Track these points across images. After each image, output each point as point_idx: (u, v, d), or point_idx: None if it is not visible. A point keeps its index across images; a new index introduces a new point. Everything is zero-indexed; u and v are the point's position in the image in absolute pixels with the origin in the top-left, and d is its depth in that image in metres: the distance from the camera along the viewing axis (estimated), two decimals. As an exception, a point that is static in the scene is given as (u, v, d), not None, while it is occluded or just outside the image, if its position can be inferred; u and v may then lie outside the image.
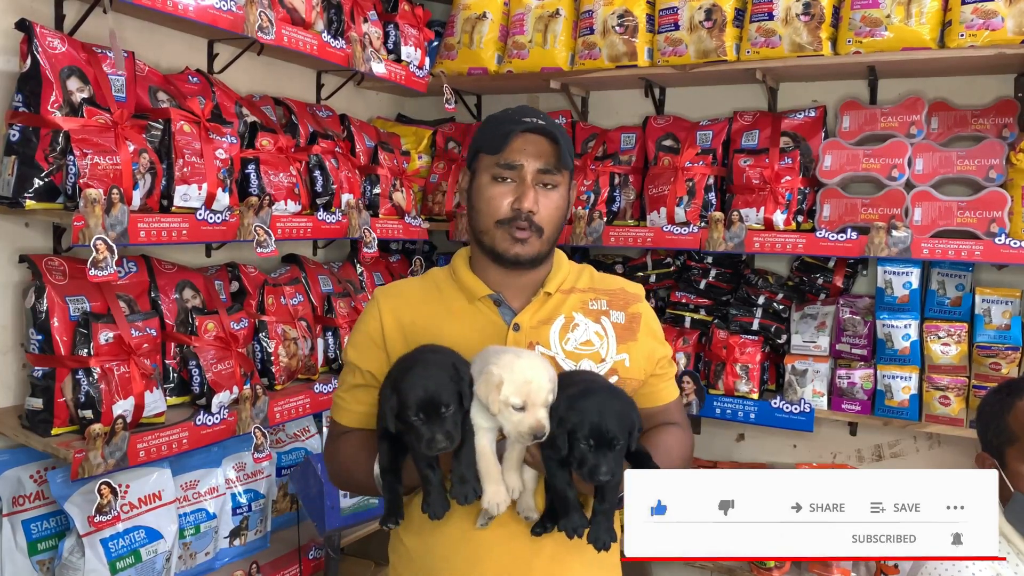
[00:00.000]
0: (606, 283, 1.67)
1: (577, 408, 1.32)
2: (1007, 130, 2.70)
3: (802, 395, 2.85)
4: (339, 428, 1.63)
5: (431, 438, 1.30)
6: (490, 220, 1.54)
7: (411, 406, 1.31)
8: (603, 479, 1.29)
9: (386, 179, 3.04)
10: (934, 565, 1.74)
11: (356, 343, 1.61)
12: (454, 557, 1.50)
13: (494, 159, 1.54)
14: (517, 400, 1.32)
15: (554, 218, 1.56)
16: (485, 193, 1.55)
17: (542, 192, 1.54)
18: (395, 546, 1.63)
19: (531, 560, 1.49)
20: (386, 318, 1.58)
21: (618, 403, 1.34)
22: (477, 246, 1.61)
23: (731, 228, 2.82)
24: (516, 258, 1.54)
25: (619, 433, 1.30)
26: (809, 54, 2.76)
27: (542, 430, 1.31)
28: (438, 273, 1.67)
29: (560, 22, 3.19)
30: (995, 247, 2.51)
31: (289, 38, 2.56)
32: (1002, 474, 1.79)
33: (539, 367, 1.35)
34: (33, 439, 2.03)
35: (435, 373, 1.33)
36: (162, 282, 2.36)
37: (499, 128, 1.54)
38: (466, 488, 1.33)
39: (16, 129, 1.99)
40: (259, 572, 2.51)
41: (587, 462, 1.29)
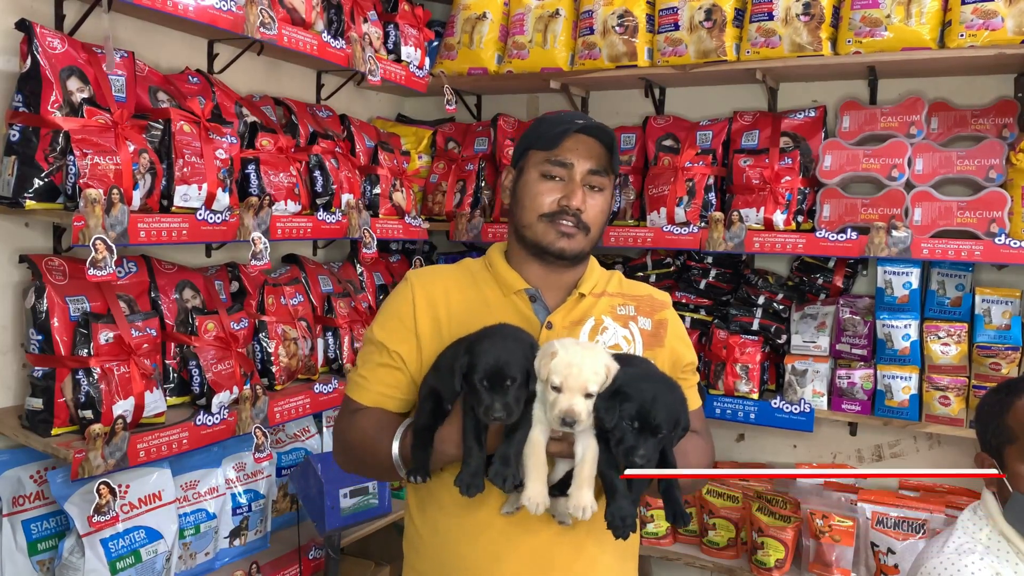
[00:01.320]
0: (634, 289, 1.68)
1: (633, 387, 1.32)
2: (1007, 130, 2.70)
3: (802, 395, 2.85)
4: (356, 405, 1.59)
5: (490, 404, 1.30)
6: (534, 214, 1.56)
7: (480, 370, 1.32)
8: (637, 462, 1.29)
9: (386, 179, 3.04)
10: (934, 565, 1.74)
11: (385, 323, 1.60)
12: (474, 550, 1.49)
13: (545, 155, 1.55)
14: (556, 379, 1.32)
15: (599, 220, 1.58)
16: (532, 188, 1.57)
17: (589, 193, 1.56)
18: (411, 539, 1.61)
19: (552, 552, 1.48)
20: (419, 301, 1.57)
21: (672, 395, 1.35)
22: (518, 241, 1.61)
23: (731, 228, 2.82)
24: (561, 252, 1.55)
25: (664, 423, 1.30)
26: (809, 54, 2.76)
27: (572, 416, 1.30)
28: (472, 263, 1.67)
29: (560, 22, 3.19)
30: (995, 247, 2.51)
31: (289, 38, 2.56)
32: (1002, 474, 1.79)
33: (591, 358, 1.34)
34: (33, 439, 2.03)
35: (511, 346, 1.35)
36: (162, 282, 2.36)
37: (554, 126, 1.56)
38: (507, 470, 1.32)
39: (16, 129, 1.99)
40: (259, 572, 2.51)
41: (626, 441, 1.30)
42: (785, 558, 2.79)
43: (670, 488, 1.39)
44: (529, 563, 1.47)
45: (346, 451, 1.60)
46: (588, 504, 1.32)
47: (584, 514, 1.32)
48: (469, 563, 1.49)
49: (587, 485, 1.33)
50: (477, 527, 1.49)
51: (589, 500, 1.32)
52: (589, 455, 1.34)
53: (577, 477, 1.34)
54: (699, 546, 3.01)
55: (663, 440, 1.32)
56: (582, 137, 1.55)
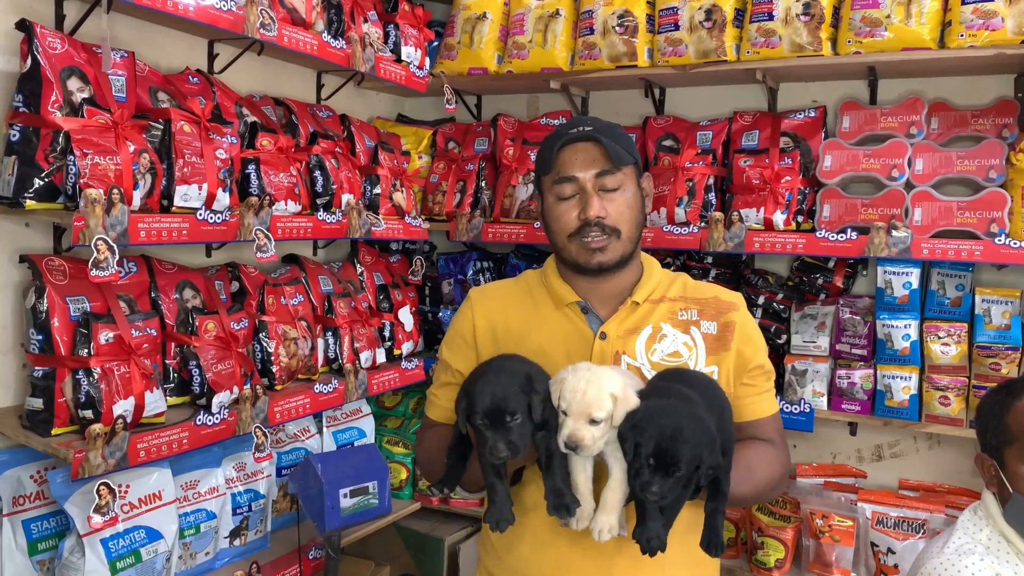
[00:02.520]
0: (700, 292, 1.65)
1: (653, 422, 1.29)
2: (1007, 130, 2.70)
3: (802, 395, 2.85)
4: (429, 421, 1.70)
5: (493, 445, 1.30)
6: (563, 236, 1.58)
7: (478, 411, 1.31)
8: (650, 498, 1.27)
9: (386, 179, 3.04)
10: (934, 565, 1.74)
11: (449, 342, 1.68)
12: (539, 557, 1.52)
13: (551, 178, 1.58)
14: (563, 404, 1.32)
15: (627, 217, 1.56)
16: (553, 212, 1.59)
17: (606, 196, 1.55)
18: (484, 541, 1.68)
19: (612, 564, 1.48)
20: (478, 319, 1.63)
21: (694, 431, 1.28)
22: (561, 261, 1.64)
23: (731, 228, 2.82)
24: (599, 266, 1.56)
25: (683, 462, 1.26)
26: (809, 54, 2.76)
27: (575, 442, 1.30)
28: (531, 277, 1.70)
29: (560, 22, 3.19)
30: (995, 247, 2.51)
31: (289, 38, 2.56)
32: (1001, 475, 1.79)
33: (597, 383, 1.32)
34: (33, 439, 2.03)
35: (505, 381, 1.33)
36: (162, 282, 2.37)
37: (547, 147, 1.59)
38: (563, 499, 1.32)
39: (16, 129, 1.99)
40: (259, 572, 2.51)
41: (641, 476, 1.28)
42: (785, 558, 2.79)
43: (715, 513, 1.37)
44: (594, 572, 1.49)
45: (419, 464, 1.73)
46: (608, 527, 1.32)
47: (601, 536, 1.32)
48: (535, 569, 1.52)
49: (612, 510, 1.32)
50: (544, 535, 1.51)
51: (608, 523, 1.32)
52: (614, 481, 1.33)
53: (604, 501, 1.34)
54: (699, 546, 3.01)
55: (681, 479, 1.28)
56: (577, 145, 1.55)
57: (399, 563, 3.17)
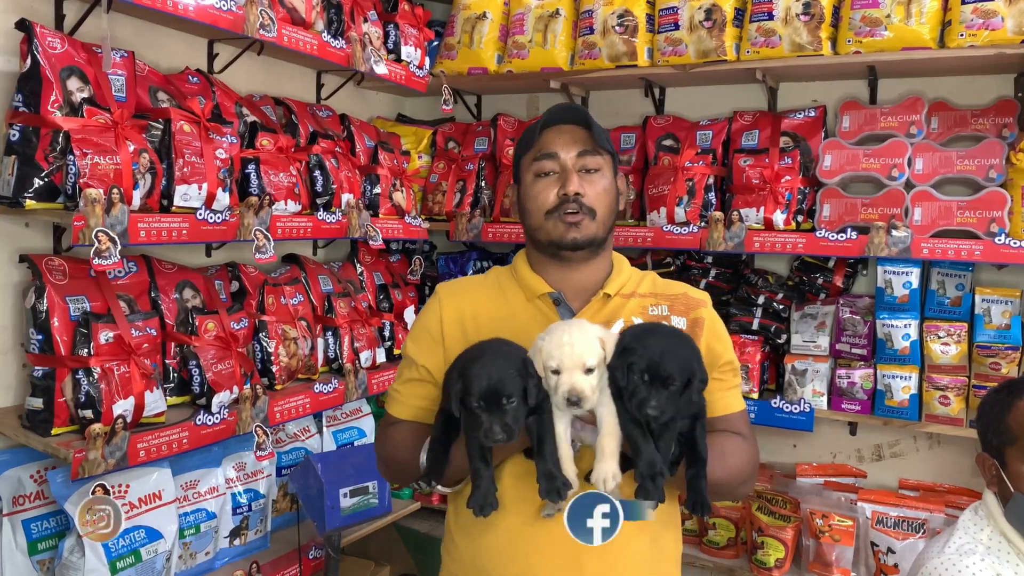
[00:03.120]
0: (668, 289, 1.66)
1: (640, 342, 1.33)
2: (1007, 130, 2.70)
3: (802, 395, 2.85)
4: (391, 419, 1.65)
5: (489, 428, 1.29)
6: (539, 214, 1.57)
7: (474, 393, 1.31)
8: (650, 412, 1.28)
9: (386, 179, 3.04)
10: (935, 565, 1.74)
11: (415, 337, 1.64)
12: (506, 558, 1.50)
13: (532, 155, 1.58)
14: (552, 363, 1.32)
15: (604, 200, 1.57)
16: (531, 191, 1.58)
17: (585, 177, 1.56)
18: (447, 545, 1.64)
19: (582, 562, 1.47)
20: (446, 314, 1.60)
21: (682, 348, 1.34)
22: (535, 247, 1.62)
23: (731, 228, 2.82)
24: (574, 242, 1.55)
25: (676, 373, 1.30)
26: (809, 54, 2.76)
27: (576, 394, 1.30)
28: (500, 272, 1.69)
29: (560, 22, 3.19)
30: (995, 247, 2.51)
31: (289, 38, 2.56)
32: (1002, 474, 1.79)
33: (581, 334, 1.34)
34: (33, 439, 2.03)
35: (502, 364, 1.32)
36: (162, 282, 2.36)
37: (531, 128, 1.60)
38: (555, 483, 1.32)
39: (16, 129, 1.99)
40: (259, 572, 2.51)
41: (638, 395, 1.29)
42: (785, 558, 2.79)
43: (696, 477, 1.38)
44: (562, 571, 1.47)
45: (384, 463, 1.67)
46: (611, 474, 1.31)
47: (607, 485, 1.31)
48: (502, 569, 1.50)
49: (610, 457, 1.32)
50: (511, 535, 1.49)
51: (612, 470, 1.31)
52: (607, 427, 1.33)
53: (600, 450, 1.33)
54: (699, 546, 3.01)
55: (676, 391, 1.30)
56: (561, 127, 1.57)
57: (399, 563, 3.17)
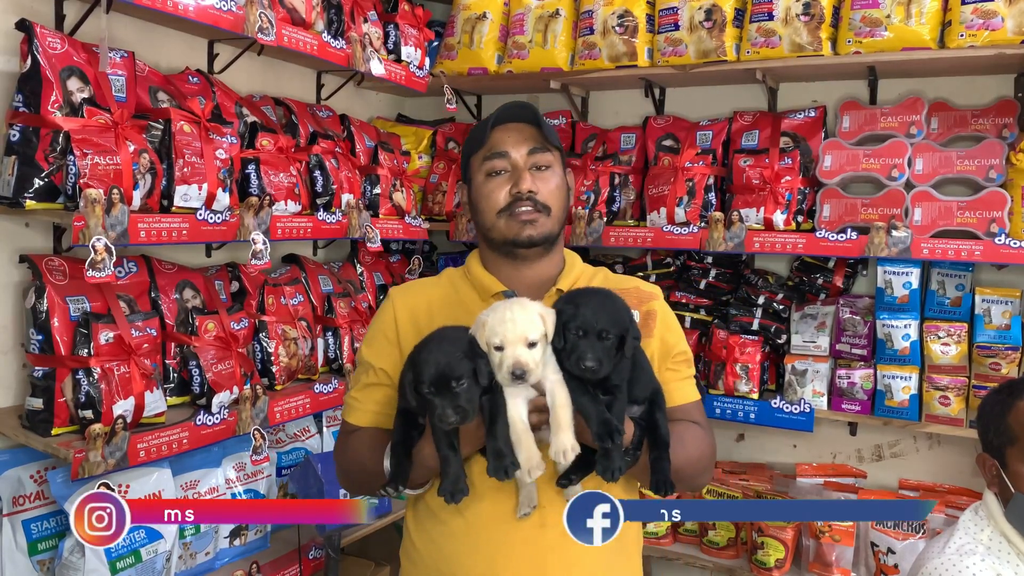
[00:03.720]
0: (620, 283, 1.67)
1: (571, 303, 1.37)
2: (1007, 130, 2.70)
3: (802, 395, 2.85)
4: (350, 427, 1.62)
5: (442, 412, 1.30)
6: (492, 213, 1.56)
7: (424, 379, 1.32)
8: (589, 364, 1.31)
9: (386, 179, 3.04)
10: (935, 565, 1.74)
11: (370, 341, 1.63)
12: (470, 560, 1.49)
13: (482, 154, 1.56)
14: (496, 339, 1.33)
15: (556, 196, 1.57)
16: (483, 190, 1.57)
17: (537, 174, 1.55)
18: (407, 550, 1.62)
19: (545, 561, 1.48)
20: (400, 315, 1.59)
21: (611, 303, 1.39)
22: (487, 245, 1.62)
23: (731, 228, 2.82)
24: (530, 239, 1.54)
25: (609, 325, 1.34)
26: (809, 54, 2.76)
27: (520, 367, 1.31)
28: (453, 272, 1.69)
29: (560, 22, 3.19)
30: (995, 247, 2.51)
31: (289, 38, 2.56)
32: (1003, 474, 1.79)
33: (521, 309, 1.36)
34: (33, 439, 2.03)
35: (448, 348, 1.34)
36: (162, 282, 2.36)
37: (480, 127, 1.59)
38: (503, 462, 1.32)
39: (16, 129, 1.99)
40: (259, 572, 2.51)
41: (576, 350, 1.33)
42: (785, 558, 2.79)
43: (659, 459, 1.40)
44: (527, 570, 1.47)
45: (345, 474, 1.64)
46: (569, 446, 1.32)
47: (566, 457, 1.32)
48: (466, 571, 1.49)
49: (565, 428, 1.33)
50: (474, 536, 1.49)
51: (569, 441, 1.32)
52: (559, 400, 1.34)
53: (554, 424, 1.34)
54: (699, 546, 3.01)
55: (612, 344, 1.34)
56: (509, 125, 1.56)
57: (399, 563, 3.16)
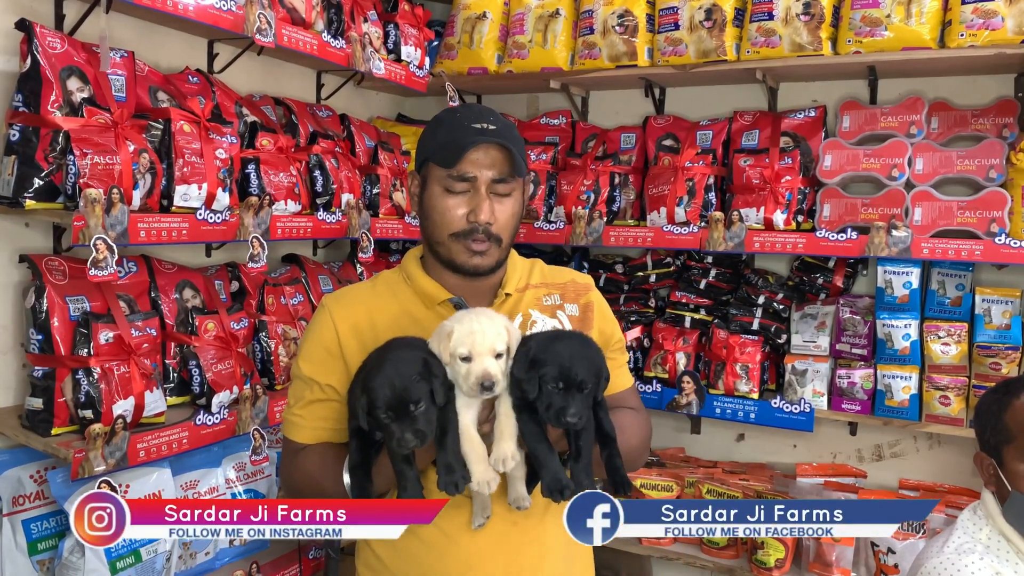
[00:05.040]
0: (556, 277, 1.66)
1: (548, 351, 1.34)
2: (1007, 130, 2.70)
3: (802, 395, 2.85)
4: (296, 446, 1.55)
5: (400, 437, 1.28)
6: (444, 232, 1.51)
7: (380, 405, 1.29)
8: (571, 420, 1.30)
9: (386, 179, 3.04)
10: (934, 565, 1.74)
11: (309, 355, 1.54)
12: (441, 565, 1.47)
13: (446, 171, 1.49)
14: (463, 350, 1.32)
15: (510, 225, 1.53)
16: (438, 204, 1.51)
17: (496, 201, 1.50)
18: (365, 558, 1.57)
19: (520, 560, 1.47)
20: (341, 326, 1.52)
21: (587, 349, 1.37)
22: (433, 255, 1.56)
23: (731, 228, 2.82)
24: (476, 269, 1.51)
25: (588, 377, 1.32)
26: (809, 54, 2.76)
27: (489, 379, 1.31)
28: (389, 277, 1.63)
29: (560, 22, 3.19)
30: (995, 247, 2.51)
31: (289, 38, 2.56)
32: (1000, 474, 1.79)
33: (489, 320, 1.36)
34: (33, 439, 2.03)
35: (404, 370, 1.30)
36: (162, 282, 2.36)
37: (450, 138, 1.49)
38: (454, 476, 1.30)
39: (16, 129, 1.99)
40: (259, 572, 2.51)
41: (555, 404, 1.31)
42: (785, 558, 2.79)
43: (611, 457, 1.40)
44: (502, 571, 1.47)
45: (296, 494, 1.55)
46: (509, 454, 1.33)
47: (506, 464, 1.32)
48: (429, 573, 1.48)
49: (507, 437, 1.34)
50: (445, 541, 1.47)
51: (511, 450, 1.33)
52: (503, 410, 1.36)
53: (497, 432, 1.35)
54: (699, 546, 3.01)
55: (590, 394, 1.33)
56: (483, 146, 1.48)
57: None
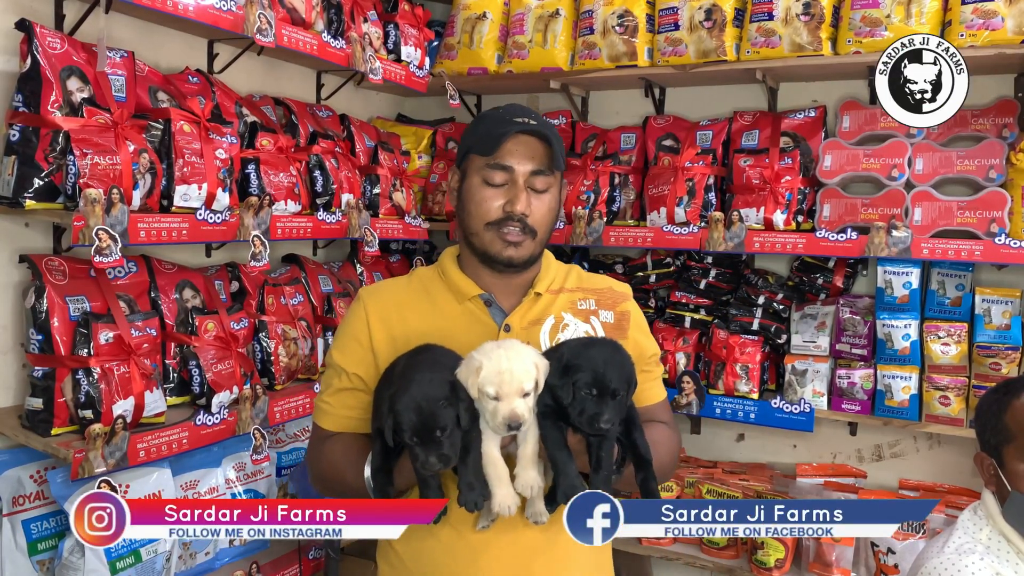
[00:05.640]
0: (594, 283, 1.66)
1: (581, 356, 1.35)
2: (1007, 130, 2.70)
3: (802, 395, 2.85)
4: (324, 433, 1.58)
5: (425, 461, 1.29)
6: (480, 222, 1.53)
7: (406, 428, 1.30)
8: (604, 426, 1.31)
9: (386, 179, 3.04)
10: (934, 565, 1.74)
11: (341, 345, 1.59)
12: (452, 562, 1.48)
13: (485, 160, 1.51)
14: (490, 389, 1.32)
15: (546, 220, 1.55)
16: (476, 195, 1.53)
17: (534, 195, 1.52)
18: (385, 553, 1.60)
19: (530, 562, 1.48)
20: (372, 319, 1.56)
21: (619, 356, 1.38)
22: (468, 247, 1.59)
23: (731, 228, 2.82)
24: (509, 260, 1.53)
25: (620, 383, 1.33)
26: (809, 54, 2.76)
27: (517, 420, 1.31)
28: (424, 272, 1.65)
29: (560, 22, 3.19)
30: (995, 247, 2.51)
31: (289, 38, 2.56)
32: (1000, 474, 1.79)
33: (518, 358, 1.35)
34: (33, 439, 2.03)
35: (431, 393, 1.31)
36: (162, 282, 2.36)
37: (492, 129, 1.52)
38: (474, 495, 1.32)
39: (16, 129, 1.99)
40: (259, 572, 2.51)
41: (588, 410, 1.31)
42: (785, 558, 2.79)
43: (647, 480, 1.40)
44: (509, 571, 1.48)
45: (320, 480, 1.60)
46: (534, 482, 1.34)
47: (532, 492, 1.34)
48: (448, 574, 1.49)
49: (531, 464, 1.35)
50: (456, 539, 1.48)
51: (534, 479, 1.35)
52: (529, 437, 1.36)
53: (521, 459, 1.36)
54: (699, 546, 3.01)
55: (622, 400, 1.34)
56: (522, 137, 1.50)
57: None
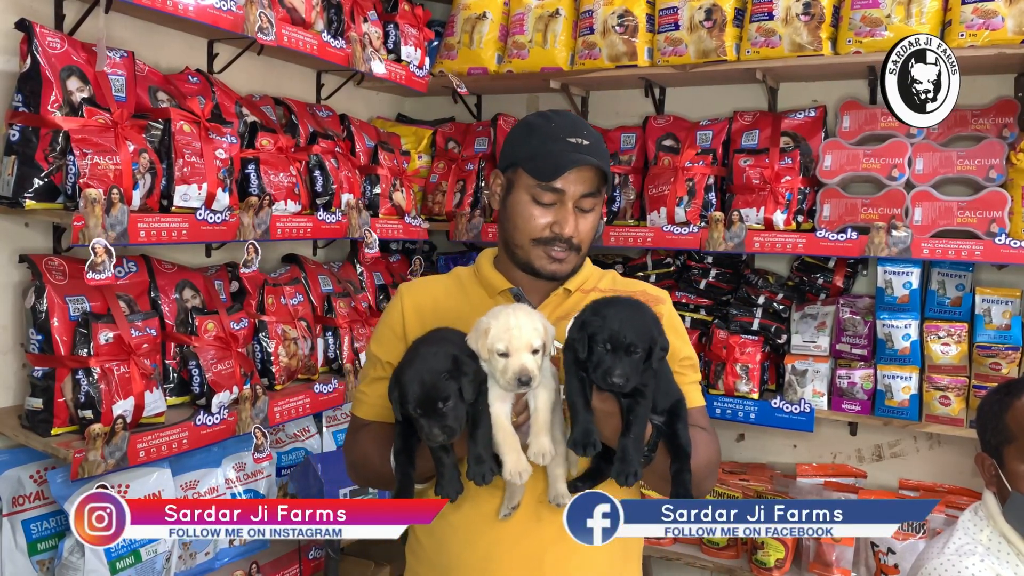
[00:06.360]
0: (628, 286, 1.68)
1: (599, 314, 1.34)
2: (1007, 130, 2.70)
3: (802, 395, 2.85)
4: (359, 422, 1.64)
5: (428, 432, 1.32)
6: (526, 237, 1.55)
7: (410, 401, 1.33)
8: (616, 380, 1.29)
9: (386, 179, 3.04)
10: (934, 566, 1.74)
11: (379, 336, 1.65)
12: (470, 552, 1.51)
13: (536, 181, 1.53)
14: (500, 345, 1.34)
15: (589, 237, 1.59)
16: (524, 211, 1.55)
17: (580, 216, 1.55)
18: (412, 546, 1.64)
19: (543, 555, 1.48)
20: (408, 311, 1.61)
21: (641, 315, 1.36)
22: (509, 255, 1.61)
23: (731, 228, 2.82)
24: (553, 275, 1.56)
25: (637, 340, 1.31)
26: (809, 54, 2.76)
27: (526, 374, 1.32)
28: (462, 271, 1.70)
29: (560, 22, 3.19)
30: (995, 247, 2.51)
31: (289, 38, 2.56)
32: (1000, 474, 1.79)
33: (526, 316, 1.37)
34: (33, 439, 2.03)
35: (432, 367, 1.34)
36: (162, 282, 2.36)
37: (545, 150, 1.53)
38: (482, 468, 1.34)
39: (16, 129, 1.99)
40: (259, 572, 2.51)
41: (602, 364, 1.30)
42: (785, 558, 2.79)
43: (681, 471, 1.40)
44: (522, 564, 1.49)
45: (353, 468, 1.65)
46: (547, 449, 1.35)
47: (544, 459, 1.35)
48: (464, 565, 1.51)
49: (544, 432, 1.36)
50: (472, 530, 1.50)
51: (546, 445, 1.35)
52: (540, 404, 1.37)
53: (534, 426, 1.37)
54: (699, 546, 3.01)
55: (640, 359, 1.32)
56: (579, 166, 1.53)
57: (399, 563, 3.16)
